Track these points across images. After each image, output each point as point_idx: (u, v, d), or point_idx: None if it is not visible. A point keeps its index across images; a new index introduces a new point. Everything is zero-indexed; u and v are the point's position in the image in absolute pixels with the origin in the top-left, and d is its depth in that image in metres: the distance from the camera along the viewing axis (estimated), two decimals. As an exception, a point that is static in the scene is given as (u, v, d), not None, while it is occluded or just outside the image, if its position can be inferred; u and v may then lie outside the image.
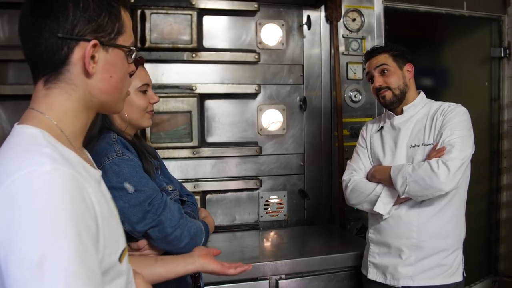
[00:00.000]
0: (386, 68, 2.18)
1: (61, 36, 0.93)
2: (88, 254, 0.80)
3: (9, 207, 0.78)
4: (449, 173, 1.93)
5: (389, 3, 3.29)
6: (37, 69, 0.97)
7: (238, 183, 3.05)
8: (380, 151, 2.25)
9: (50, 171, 0.81)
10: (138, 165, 1.60)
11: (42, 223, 0.77)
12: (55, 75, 0.95)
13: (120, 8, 1.02)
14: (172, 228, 1.58)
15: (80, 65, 0.96)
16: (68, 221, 0.79)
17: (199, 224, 1.71)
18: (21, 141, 0.89)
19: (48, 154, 0.85)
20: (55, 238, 0.77)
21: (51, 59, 0.94)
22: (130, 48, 1.05)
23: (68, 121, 0.97)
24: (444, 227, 2.11)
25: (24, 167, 0.81)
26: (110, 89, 1.02)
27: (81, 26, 0.94)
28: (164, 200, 1.60)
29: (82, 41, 0.94)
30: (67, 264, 0.76)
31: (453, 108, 2.10)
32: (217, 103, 3.07)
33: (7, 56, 2.62)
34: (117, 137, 1.63)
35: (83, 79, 0.97)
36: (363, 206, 2.21)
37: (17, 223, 0.77)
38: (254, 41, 3.11)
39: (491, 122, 3.77)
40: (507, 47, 3.66)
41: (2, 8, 2.66)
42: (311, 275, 2.40)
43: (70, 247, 0.77)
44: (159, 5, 2.80)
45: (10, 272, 0.75)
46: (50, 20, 0.93)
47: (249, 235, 2.98)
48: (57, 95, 0.96)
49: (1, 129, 2.67)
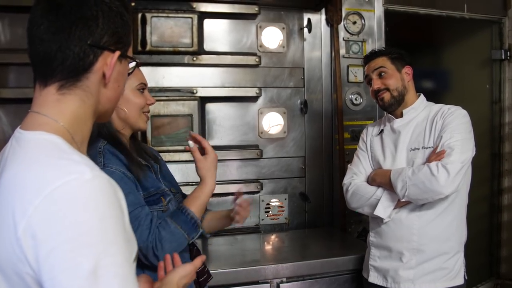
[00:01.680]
0: (384, 70, 2.19)
1: (90, 44, 0.94)
2: (130, 256, 0.86)
3: (52, 217, 0.78)
4: (449, 177, 1.92)
5: (389, 5, 3.29)
6: (52, 73, 0.94)
7: (239, 186, 3.05)
8: (380, 155, 2.25)
9: (91, 179, 0.82)
10: (119, 177, 1.54)
11: (92, 231, 0.79)
12: (73, 81, 0.95)
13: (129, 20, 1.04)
14: (144, 248, 1.52)
15: (99, 74, 0.97)
16: (114, 227, 0.82)
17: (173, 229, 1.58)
18: (45, 149, 0.88)
19: (82, 161, 0.86)
20: (105, 245, 0.79)
21: (75, 65, 0.94)
22: (136, 60, 1.08)
23: (78, 128, 0.97)
24: (444, 230, 2.10)
25: (64, 175, 0.81)
26: (115, 98, 1.04)
27: (108, 37, 0.96)
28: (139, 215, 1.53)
29: (107, 50, 0.96)
30: (119, 269, 0.80)
31: (453, 110, 2.10)
32: (217, 106, 3.07)
33: (8, 60, 2.63)
34: (103, 147, 1.60)
35: (99, 88, 0.98)
36: (363, 209, 2.21)
37: (66, 232, 0.77)
38: (254, 44, 3.12)
39: (492, 125, 3.77)
40: (507, 50, 3.66)
41: (3, 12, 2.67)
42: (312, 278, 2.40)
43: (119, 253, 0.81)
44: (160, 8, 2.80)
45: (61, 282, 0.76)
46: (81, 27, 0.93)
47: (250, 238, 2.98)
48: (71, 101, 0.95)
49: (2, 132, 2.67)
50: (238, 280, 2.27)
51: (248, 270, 2.30)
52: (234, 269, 2.28)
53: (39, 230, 0.77)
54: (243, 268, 2.30)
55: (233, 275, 2.26)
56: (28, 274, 0.79)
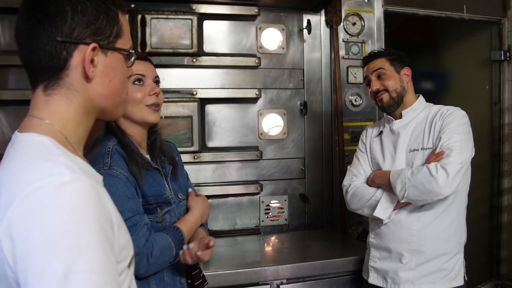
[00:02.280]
0: (383, 72, 2.19)
1: (60, 40, 0.91)
2: (110, 263, 0.80)
3: (27, 219, 0.76)
4: (448, 177, 1.92)
5: (389, 7, 3.30)
6: (35, 75, 0.95)
7: (239, 187, 3.05)
8: (380, 156, 2.25)
9: (70, 181, 0.80)
10: (122, 182, 1.53)
11: (65, 235, 0.76)
12: (55, 80, 0.94)
13: (118, 12, 1.00)
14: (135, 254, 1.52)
15: (79, 70, 0.94)
16: (91, 232, 0.78)
17: (166, 240, 1.57)
18: (32, 150, 0.88)
19: (64, 163, 0.84)
20: (79, 250, 0.76)
21: (50, 64, 0.93)
22: (129, 51, 1.03)
23: (71, 128, 0.95)
24: (444, 232, 2.10)
25: (42, 178, 0.80)
26: (110, 93, 1.00)
27: (80, 30, 0.93)
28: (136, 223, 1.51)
29: (81, 44, 0.93)
30: (92, 275, 0.76)
31: (452, 111, 2.10)
32: (217, 108, 3.07)
33: (8, 62, 2.62)
34: (112, 146, 1.57)
35: (83, 84, 0.95)
36: (363, 211, 2.21)
37: (38, 235, 0.75)
38: (254, 46, 3.12)
39: (492, 126, 3.77)
40: (507, 50, 3.66)
41: (3, 14, 2.67)
42: (312, 279, 2.40)
43: (94, 258, 0.77)
44: (159, 10, 2.81)
45: (33, 286, 0.74)
46: (48, 24, 0.91)
47: (250, 240, 2.98)
48: (58, 101, 0.94)
49: (2, 134, 2.67)
50: (238, 282, 2.27)
51: (248, 272, 2.30)
52: (234, 271, 2.28)
53: (16, 232, 0.76)
54: (243, 270, 2.30)
55: (233, 276, 2.26)
56: (9, 275, 0.78)
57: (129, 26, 1.06)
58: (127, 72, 1.06)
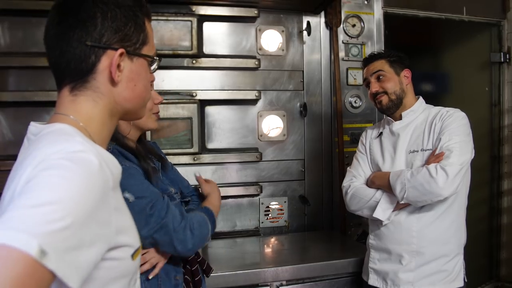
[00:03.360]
0: (382, 74, 2.19)
1: (89, 44, 0.95)
2: (85, 233, 0.77)
3: (35, 181, 0.76)
4: (447, 178, 1.92)
5: (389, 8, 3.30)
6: (63, 77, 0.98)
7: (239, 189, 3.05)
8: (380, 157, 2.25)
9: (78, 151, 0.82)
10: (136, 172, 1.59)
11: (58, 188, 0.75)
12: (82, 83, 0.97)
13: (145, 19, 1.04)
14: (175, 231, 1.58)
15: (106, 74, 0.97)
16: (83, 197, 0.77)
17: (201, 216, 1.70)
18: (51, 134, 0.90)
19: (79, 141, 0.86)
20: (62, 210, 0.73)
21: (78, 67, 0.96)
22: (154, 58, 1.07)
23: (96, 129, 0.98)
24: (444, 233, 2.10)
25: (55, 148, 0.82)
26: (134, 97, 1.04)
27: (109, 36, 0.96)
28: (166, 203, 1.59)
29: (109, 49, 0.96)
30: (57, 222, 0.72)
31: (451, 113, 2.10)
32: (217, 109, 3.07)
33: (8, 63, 2.63)
34: (113, 147, 1.62)
35: (109, 87, 0.99)
36: (363, 212, 2.21)
37: (34, 186, 0.75)
38: (254, 47, 3.12)
39: (492, 127, 3.78)
40: (507, 52, 3.67)
41: (3, 15, 2.67)
42: (312, 281, 2.40)
43: (70, 214, 0.74)
44: (159, 12, 2.81)
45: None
46: (79, 29, 0.94)
47: (250, 241, 2.98)
48: (84, 102, 0.97)
49: (2, 135, 2.67)
50: (237, 283, 2.26)
51: (247, 273, 2.30)
52: (234, 272, 2.28)
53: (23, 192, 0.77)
54: (242, 271, 2.30)
55: (233, 278, 2.26)
56: None
57: (153, 33, 1.10)
58: (150, 78, 1.10)
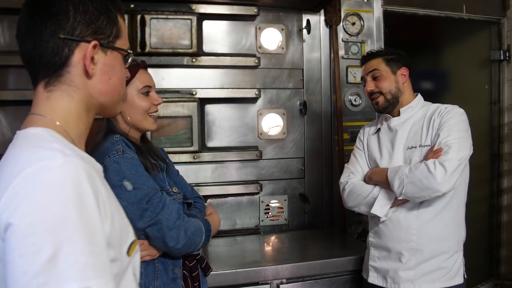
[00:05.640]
0: (378, 73, 2.19)
1: (62, 37, 0.95)
2: (99, 246, 0.82)
3: (21, 202, 0.78)
4: (446, 174, 1.92)
5: (388, 6, 3.30)
6: (37, 72, 0.98)
7: (239, 187, 3.05)
8: (377, 153, 2.25)
9: (61, 164, 0.82)
10: (138, 164, 1.62)
11: (54, 217, 0.77)
12: (56, 77, 0.97)
13: (117, 14, 1.04)
14: (169, 228, 1.59)
15: (80, 67, 0.97)
16: (80, 215, 0.80)
17: (199, 223, 1.71)
18: (27, 140, 0.90)
19: (58, 148, 0.86)
20: (68, 232, 0.77)
21: (51, 61, 0.96)
22: (128, 51, 1.07)
23: (72, 123, 0.98)
24: (443, 230, 2.10)
25: (34, 162, 0.82)
26: (109, 91, 1.03)
27: (82, 28, 0.96)
28: (163, 199, 1.60)
29: (82, 42, 0.96)
30: (80, 256, 0.77)
31: (450, 109, 2.10)
32: (217, 108, 3.07)
33: (7, 62, 2.63)
34: (119, 137, 1.65)
35: (84, 80, 0.99)
36: (360, 208, 2.21)
37: (29, 217, 0.77)
38: (254, 46, 3.12)
39: (491, 125, 3.77)
40: (506, 50, 3.67)
41: (2, 14, 2.67)
42: (312, 279, 2.40)
43: (83, 240, 0.78)
44: (159, 10, 2.81)
45: (21, 266, 0.75)
46: (51, 23, 0.95)
47: (250, 240, 2.98)
48: (59, 97, 0.97)
49: (1, 134, 2.67)
50: (237, 281, 2.27)
51: (248, 271, 2.30)
52: (234, 270, 2.28)
53: (10, 215, 0.78)
54: (243, 269, 2.30)
55: (233, 276, 2.26)
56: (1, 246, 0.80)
57: (126, 28, 1.10)
58: (125, 73, 1.09)
